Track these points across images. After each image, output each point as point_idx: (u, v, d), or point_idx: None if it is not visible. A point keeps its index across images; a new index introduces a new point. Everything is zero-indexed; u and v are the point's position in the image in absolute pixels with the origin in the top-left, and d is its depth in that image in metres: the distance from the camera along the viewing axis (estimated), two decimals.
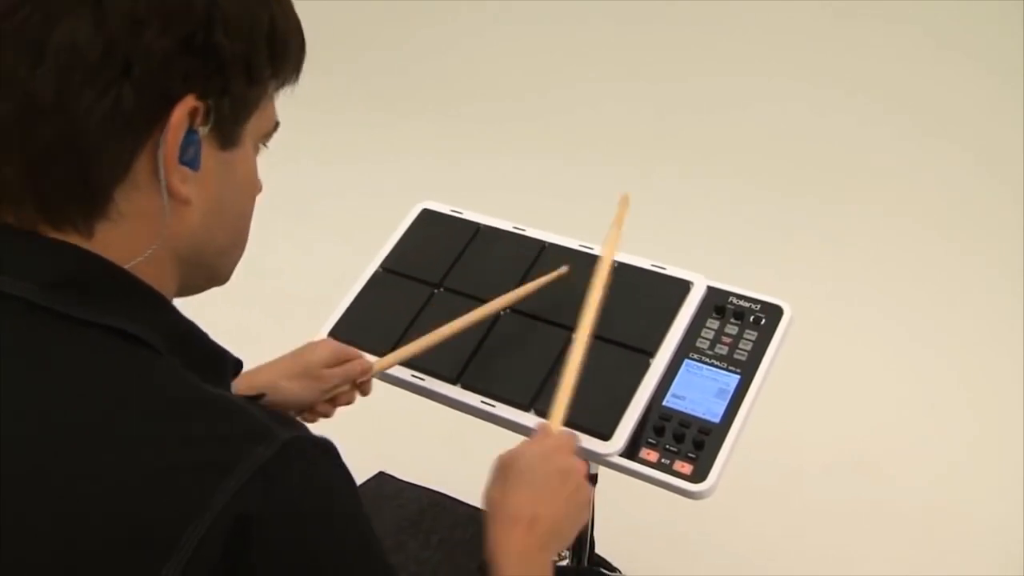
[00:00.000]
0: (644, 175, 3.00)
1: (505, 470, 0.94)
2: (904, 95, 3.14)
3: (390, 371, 1.24)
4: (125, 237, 0.70)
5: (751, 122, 3.16)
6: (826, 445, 2.12)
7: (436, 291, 1.28)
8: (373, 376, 1.18)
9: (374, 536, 0.69)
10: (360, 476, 1.89)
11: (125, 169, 0.68)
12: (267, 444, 0.63)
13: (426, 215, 1.36)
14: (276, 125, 0.79)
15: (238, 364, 0.78)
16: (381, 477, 1.92)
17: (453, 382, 1.20)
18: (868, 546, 1.91)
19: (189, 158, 0.70)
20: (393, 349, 1.24)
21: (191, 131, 0.69)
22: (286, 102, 0.80)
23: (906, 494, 2.02)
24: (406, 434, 2.13)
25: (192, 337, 0.74)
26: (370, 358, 1.18)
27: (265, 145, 0.80)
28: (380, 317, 1.27)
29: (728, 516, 1.95)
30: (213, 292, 0.83)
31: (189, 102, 0.68)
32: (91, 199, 0.68)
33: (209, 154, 0.71)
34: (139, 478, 0.61)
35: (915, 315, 2.48)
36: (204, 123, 0.69)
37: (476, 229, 1.33)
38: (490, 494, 0.94)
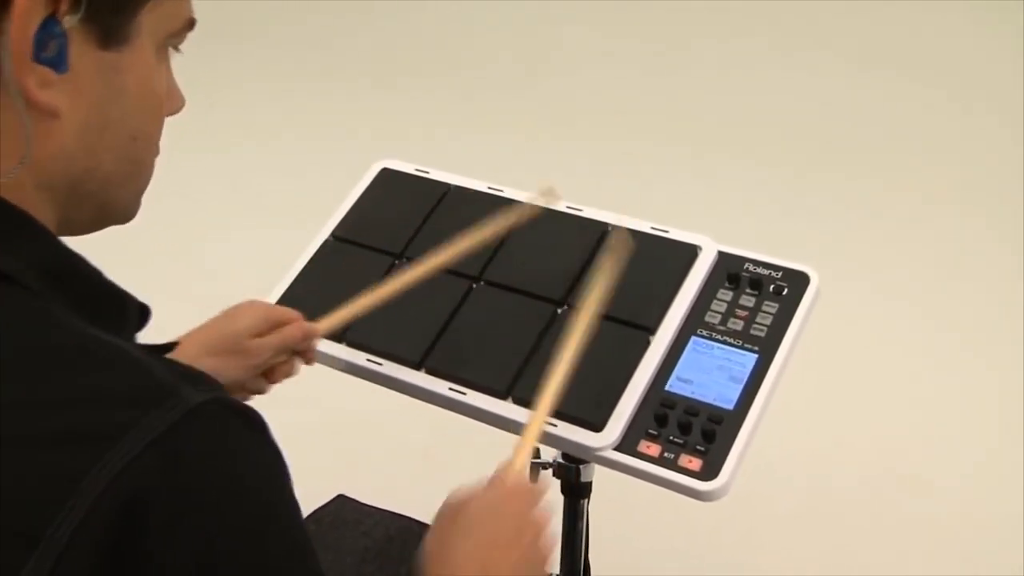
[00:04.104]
0: (650, 147, 2.99)
1: (449, 516, 0.85)
2: (934, 67, 3.17)
3: (339, 356, 1.16)
4: None
5: (766, 95, 3.17)
6: (860, 454, 2.07)
7: (397, 262, 1.22)
8: (319, 339, 1.08)
9: (303, 533, 0.62)
10: (317, 500, 1.83)
11: None
12: (168, 407, 0.55)
13: (386, 175, 1.30)
14: (190, 23, 0.70)
15: (144, 310, 0.70)
16: (341, 500, 1.85)
17: (416, 367, 1.14)
18: (910, 570, 1.84)
19: (51, 56, 0.61)
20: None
21: (52, 20, 0.60)
22: (227, 75, 0.71)
23: (954, 509, 1.95)
24: (368, 450, 2.08)
25: (78, 273, 0.66)
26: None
27: (176, 48, 0.71)
28: (331, 294, 1.18)
29: (749, 538, 1.90)
30: (149, 288, 0.72)
31: None
32: None
33: (85, 53, 0.63)
34: (4, 452, 0.54)
35: (955, 307, 2.44)
36: (72, 11, 0.61)
37: (445, 190, 1.27)
38: (429, 543, 0.85)
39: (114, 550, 0.53)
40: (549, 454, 1.19)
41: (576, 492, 1.21)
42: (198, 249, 2.65)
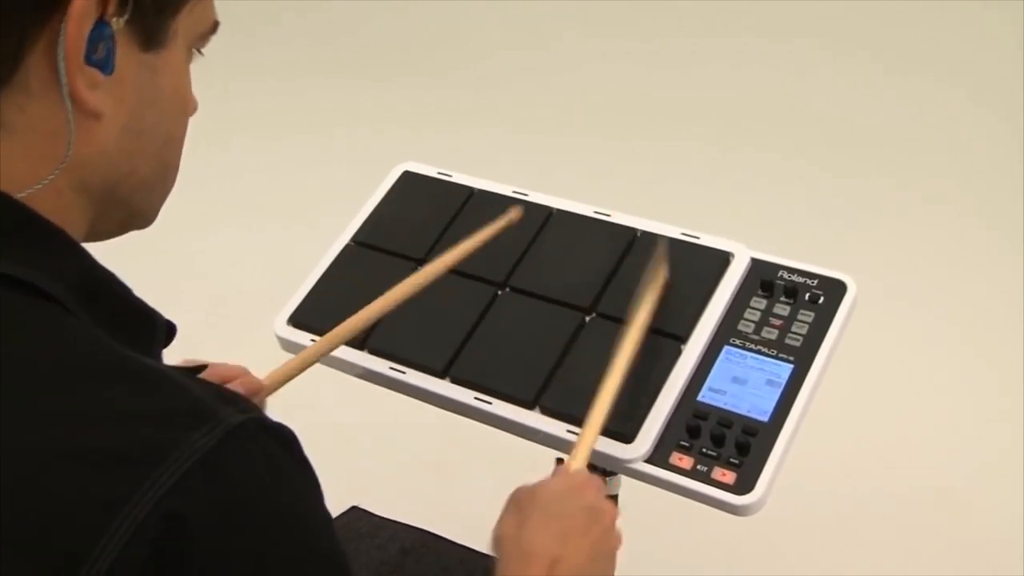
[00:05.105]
0: (667, 146, 2.97)
1: (522, 502, 0.87)
2: (955, 66, 3.15)
3: (361, 364, 1.14)
4: (14, 159, 0.62)
5: (789, 92, 3.15)
6: (896, 466, 2.03)
7: (420, 268, 1.18)
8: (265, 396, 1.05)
9: (339, 547, 0.63)
10: (330, 512, 1.80)
11: (11, 67, 0.60)
12: (208, 428, 0.56)
13: (408, 178, 1.28)
14: (215, 25, 0.72)
15: (171, 328, 0.71)
16: (355, 512, 1.83)
17: (440, 375, 1.12)
18: None
19: (99, 58, 0.62)
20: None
21: (102, 22, 0.61)
22: (226, 71, 0.70)
23: (1001, 531, 1.89)
24: (382, 461, 2.05)
25: (110, 291, 0.67)
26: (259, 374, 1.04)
27: (200, 51, 0.73)
28: (351, 301, 1.16)
29: (780, 553, 1.86)
30: (147, 288, 0.72)
31: None
32: None
33: (127, 55, 0.64)
34: (44, 468, 0.54)
35: (995, 314, 2.40)
36: (119, 13, 0.62)
37: (468, 194, 1.25)
38: (502, 528, 0.86)
39: (154, 561, 0.53)
40: None
41: None
42: (198, 248, 2.63)
